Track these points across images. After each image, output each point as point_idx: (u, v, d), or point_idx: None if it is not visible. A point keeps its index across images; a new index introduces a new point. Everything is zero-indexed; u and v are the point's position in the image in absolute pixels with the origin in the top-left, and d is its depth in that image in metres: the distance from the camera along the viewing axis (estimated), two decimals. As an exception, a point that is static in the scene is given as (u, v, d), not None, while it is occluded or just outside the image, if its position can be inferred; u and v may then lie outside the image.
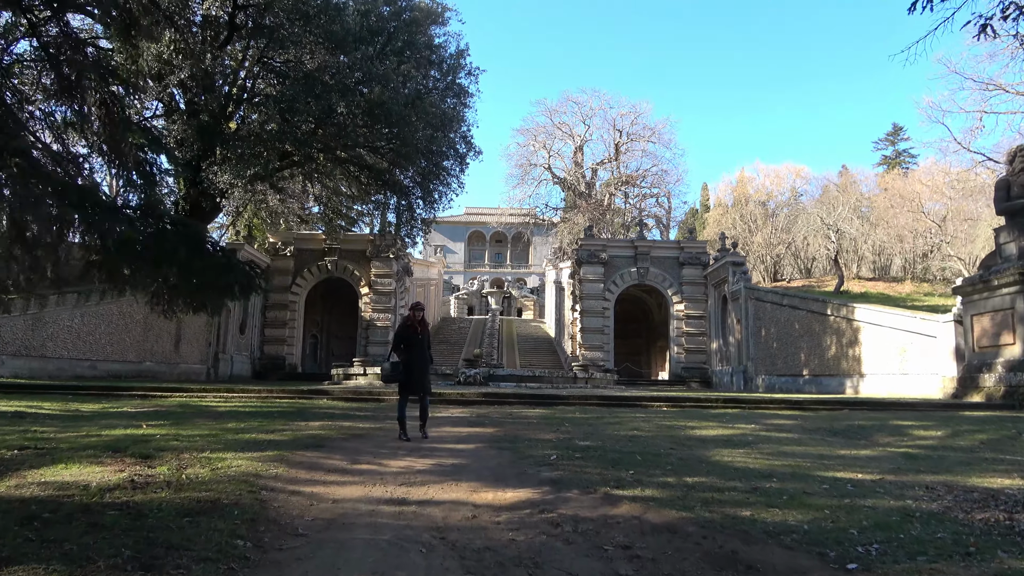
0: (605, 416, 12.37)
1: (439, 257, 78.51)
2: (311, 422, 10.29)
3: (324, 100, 24.67)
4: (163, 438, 8.36)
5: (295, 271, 39.71)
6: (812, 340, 27.63)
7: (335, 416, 11.26)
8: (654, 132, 56.78)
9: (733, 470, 7.32)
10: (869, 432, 11.19)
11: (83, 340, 23.66)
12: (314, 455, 7.44)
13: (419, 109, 26.80)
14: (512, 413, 12.71)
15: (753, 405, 14.64)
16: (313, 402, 13.99)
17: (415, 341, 9.96)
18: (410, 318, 10.15)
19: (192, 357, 31.40)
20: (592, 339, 39.44)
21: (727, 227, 48.38)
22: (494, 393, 15.32)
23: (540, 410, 13.46)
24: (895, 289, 44.53)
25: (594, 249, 40.11)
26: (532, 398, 14.91)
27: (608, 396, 15.25)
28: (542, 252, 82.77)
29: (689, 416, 12.64)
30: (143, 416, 10.87)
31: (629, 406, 14.36)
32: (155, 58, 23.60)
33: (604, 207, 55.46)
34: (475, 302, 71.89)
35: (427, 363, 10.01)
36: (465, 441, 9.03)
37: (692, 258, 40.27)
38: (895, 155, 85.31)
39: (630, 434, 9.83)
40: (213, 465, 6.59)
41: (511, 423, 10.94)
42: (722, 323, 37.68)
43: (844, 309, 25.52)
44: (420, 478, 6.53)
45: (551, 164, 59.46)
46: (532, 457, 7.73)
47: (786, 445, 9.43)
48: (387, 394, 15.10)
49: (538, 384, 21.70)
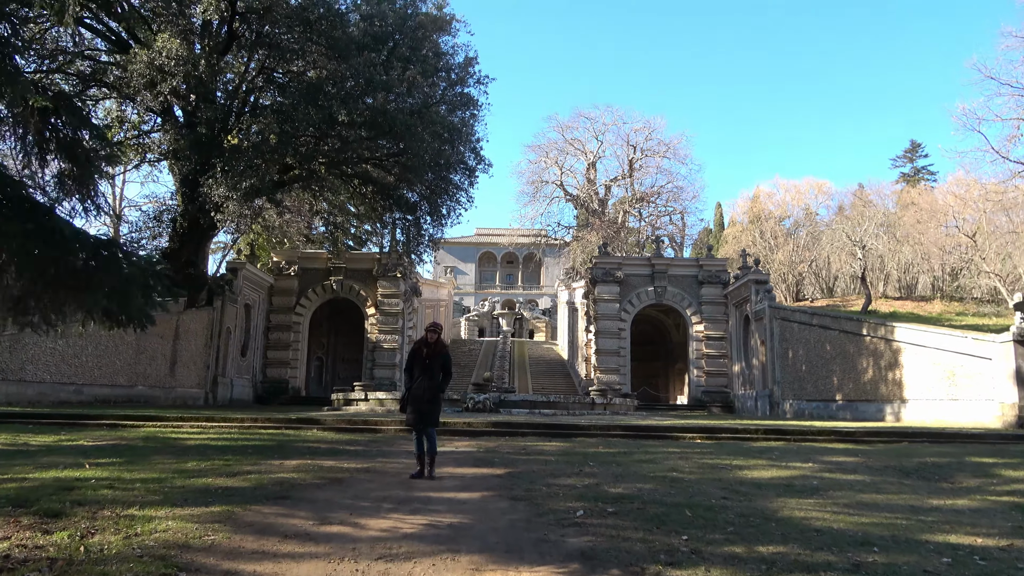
0: (633, 451, 10.68)
1: (449, 278, 77.13)
2: (287, 460, 8.67)
3: (324, 109, 23.34)
4: (97, 484, 6.77)
5: (299, 291, 38.30)
6: (846, 363, 25.78)
7: (318, 452, 9.64)
8: (669, 147, 55.36)
9: (814, 533, 5.63)
10: (947, 472, 9.45)
11: (67, 363, 22.17)
12: (272, 511, 5.81)
13: (425, 119, 25.44)
14: (526, 447, 11.04)
15: (798, 437, 12.91)
16: (300, 433, 12.37)
17: (421, 367, 8.49)
18: (420, 340, 8.67)
19: (188, 381, 29.87)
20: (607, 361, 37.67)
21: (746, 245, 46.67)
22: (505, 423, 13.66)
23: (557, 443, 11.78)
24: (924, 308, 42.60)
25: (609, 267, 38.48)
26: (548, 428, 13.23)
27: (633, 426, 13.54)
28: (554, 273, 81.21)
29: (730, 451, 10.92)
30: (95, 452, 9.30)
31: (658, 438, 12.67)
32: (146, 64, 22.42)
33: (618, 225, 53.89)
34: (486, 324, 70.29)
35: (434, 392, 8.48)
36: (469, 487, 7.37)
37: (712, 276, 38.55)
38: (913, 172, 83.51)
39: (669, 475, 8.14)
40: (133, 528, 4.98)
41: (525, 461, 9.26)
42: (744, 344, 35.85)
43: (883, 329, 23.70)
44: (405, 547, 4.89)
45: (563, 181, 58.08)
46: (553, 513, 6.07)
47: (862, 492, 7.71)
48: (385, 424, 13.48)
49: (553, 411, 20.00)
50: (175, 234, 30.17)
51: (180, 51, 22.68)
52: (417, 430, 8.28)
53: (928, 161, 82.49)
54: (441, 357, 8.62)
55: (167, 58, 22.51)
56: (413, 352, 8.62)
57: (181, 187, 28.91)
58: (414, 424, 8.33)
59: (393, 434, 13.03)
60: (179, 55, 22.69)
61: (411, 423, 8.35)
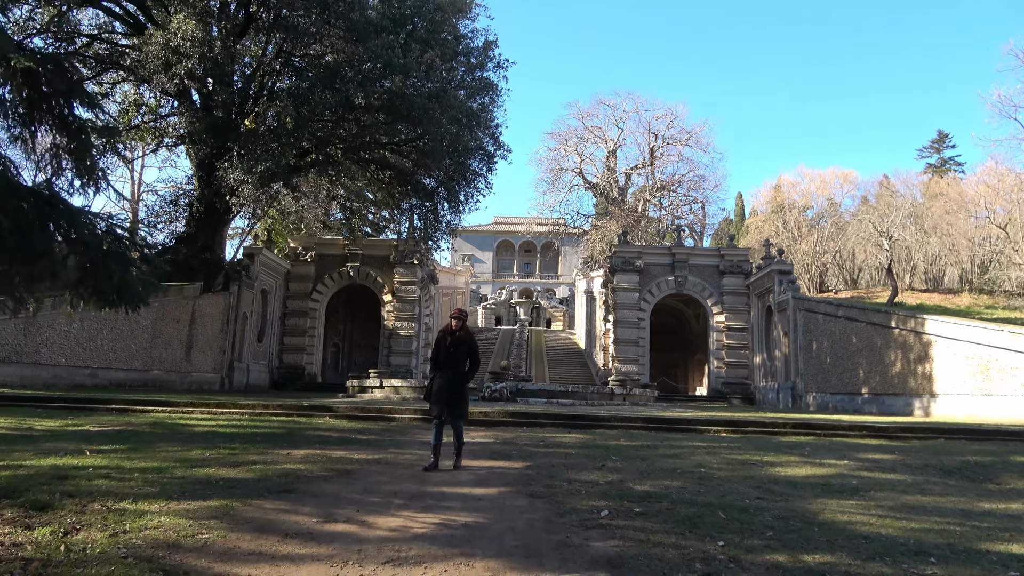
0: (657, 445, 10.20)
1: (467, 266, 76.79)
2: (296, 450, 8.30)
3: (341, 93, 22.91)
4: (93, 473, 6.43)
5: (316, 277, 38.11)
6: (873, 355, 25.07)
7: (329, 442, 9.27)
8: (691, 135, 54.38)
9: (862, 540, 5.14)
10: (992, 472, 8.89)
11: (83, 346, 22.06)
12: (274, 506, 5.42)
13: (443, 103, 24.93)
14: (544, 439, 10.60)
15: (829, 431, 12.36)
16: (311, 421, 12.02)
17: (446, 356, 8.16)
18: (444, 329, 8.29)
19: (205, 366, 29.77)
20: (626, 351, 37.14)
21: (769, 235, 45.74)
22: (523, 412, 13.22)
23: (577, 435, 11.33)
24: (952, 301, 41.59)
25: (629, 256, 37.87)
26: (566, 419, 12.79)
27: (655, 418, 13.06)
28: (572, 262, 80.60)
29: (759, 446, 10.41)
30: (99, 438, 8.99)
31: (682, 430, 12.18)
32: (162, 46, 22.11)
33: (638, 214, 53.12)
34: (503, 312, 69.92)
35: (460, 382, 8.14)
36: (485, 482, 6.95)
37: (734, 266, 37.84)
38: (940, 163, 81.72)
39: (697, 472, 7.67)
40: (122, 525, 4.61)
41: (544, 454, 8.82)
42: (766, 336, 35.16)
43: (912, 321, 22.97)
44: (416, 550, 4.47)
45: (583, 169, 57.29)
46: (575, 512, 5.63)
47: (905, 493, 7.19)
48: (399, 412, 13.11)
49: (571, 401, 19.55)
50: (191, 218, 30.00)
51: (196, 32, 22.34)
52: (440, 420, 7.93)
53: (955, 152, 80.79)
54: (467, 345, 8.20)
55: (183, 40, 22.19)
56: (438, 341, 8.25)
57: (197, 171, 28.68)
58: (439, 415, 7.95)
59: (407, 423, 12.66)
60: (195, 36, 22.36)
61: (436, 414, 8.00)
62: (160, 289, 26.27)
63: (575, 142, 56.91)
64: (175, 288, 27.20)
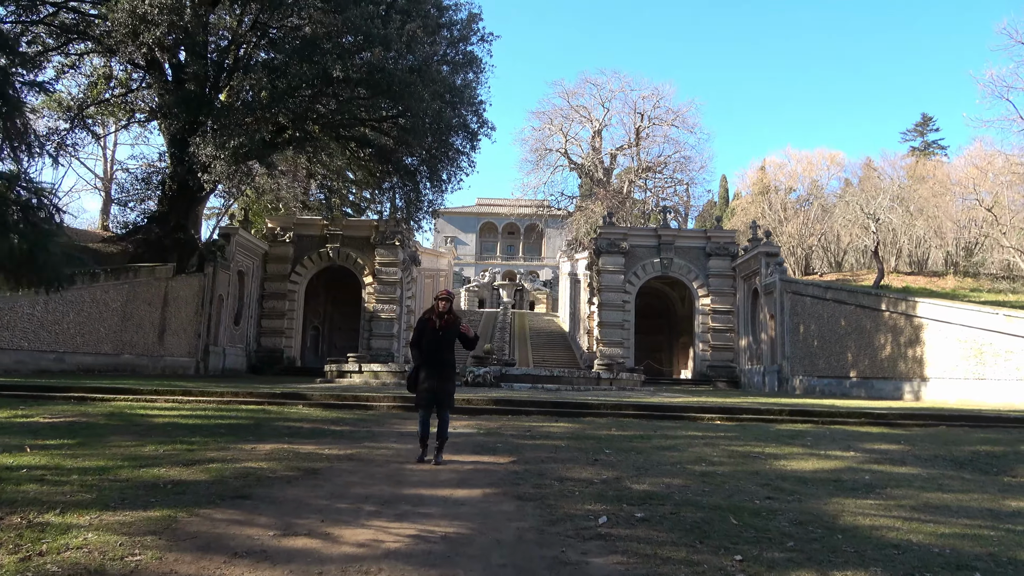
0: (651, 435, 9.62)
1: (449, 247, 75.93)
2: (261, 444, 7.58)
3: (319, 65, 21.94)
4: (27, 475, 5.70)
5: (295, 258, 37.16)
6: (861, 338, 24.72)
7: (299, 434, 8.56)
8: (678, 115, 53.65)
9: (893, 550, 4.55)
10: (1005, 463, 8.40)
11: (47, 330, 21.11)
12: (226, 516, 4.73)
13: (426, 77, 24.02)
14: (531, 429, 9.97)
15: (827, 419, 11.85)
16: (283, 410, 11.30)
17: (433, 340, 7.46)
18: (429, 310, 7.62)
19: (179, 349, 28.85)
20: (611, 334, 36.67)
21: (755, 216, 45.28)
22: (508, 400, 12.59)
23: (566, 424, 10.72)
24: (937, 284, 41.47)
25: (614, 238, 37.28)
26: (554, 407, 12.18)
27: (646, 405, 12.48)
28: (556, 244, 79.97)
29: (757, 436, 9.86)
30: (47, 431, 8.23)
31: (675, 418, 11.61)
32: (129, 13, 21.00)
33: (623, 196, 52.46)
34: (486, 295, 69.25)
35: (447, 368, 7.55)
36: (468, 481, 6.29)
37: (720, 248, 37.39)
38: (924, 146, 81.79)
39: (698, 468, 7.06)
40: (39, 544, 3.91)
41: (531, 447, 8.17)
42: (752, 319, 34.82)
43: (903, 304, 22.59)
44: (387, 571, 3.81)
45: (568, 149, 56.43)
46: (570, 519, 4.99)
47: (924, 490, 6.64)
48: (377, 400, 12.42)
49: (557, 386, 18.96)
50: (164, 197, 28.95)
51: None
52: (426, 411, 7.31)
53: (939, 135, 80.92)
54: (455, 328, 7.55)
55: (151, 6, 21.10)
56: (422, 324, 7.54)
57: (170, 147, 27.57)
58: (426, 406, 7.31)
59: (385, 411, 11.98)
60: (163, 3, 21.26)
61: (422, 404, 7.37)
62: (127, 270, 25.33)
63: (560, 121, 56.05)
64: (146, 269, 26.22)
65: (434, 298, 7.67)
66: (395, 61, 23.42)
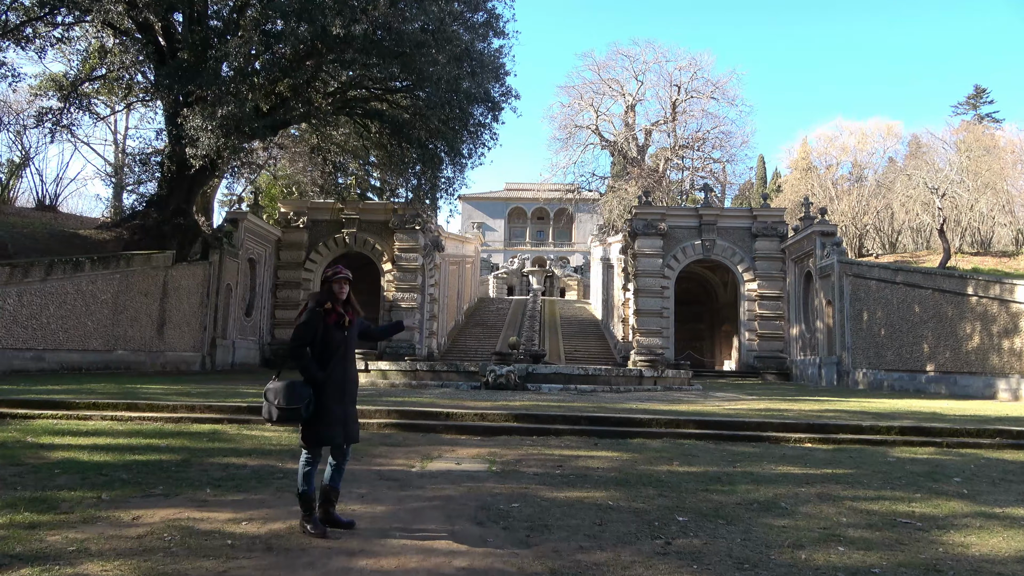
0: (732, 474, 6.86)
1: (476, 233, 73.32)
2: (153, 511, 4.90)
3: (318, 23, 19.37)
4: None
5: (309, 245, 34.93)
6: (942, 327, 21.56)
7: (231, 481, 5.95)
8: (717, 87, 50.07)
9: None
10: None
11: (22, 325, 18.96)
12: None
13: (440, 38, 21.33)
14: (563, 464, 7.27)
15: (951, 439, 8.99)
16: (240, 432, 8.73)
17: (338, 343, 4.85)
18: (321, 295, 4.90)
19: (182, 344, 26.74)
20: (649, 323, 33.80)
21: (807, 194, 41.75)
22: (533, 415, 9.90)
23: (609, 452, 8.01)
24: (1008, 264, 37.80)
25: (651, 219, 34.29)
26: (591, 423, 9.49)
27: (709, 421, 9.71)
28: (587, 228, 76.92)
29: (880, 472, 7.06)
30: None
31: (750, 439, 8.87)
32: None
33: (659, 175, 49.25)
34: (515, 281, 66.65)
35: (354, 386, 5.03)
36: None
37: (767, 228, 34.22)
38: (977, 119, 77.04)
39: (840, 562, 4.30)
40: None
41: (563, 510, 5.32)
42: (805, 305, 31.67)
43: (996, 287, 19.41)
44: None
45: (599, 126, 53.17)
46: None
47: None
48: (368, 414, 9.86)
49: (592, 387, 16.25)
50: (163, 179, 26.74)
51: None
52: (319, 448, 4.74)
53: (993, 108, 75.81)
54: (360, 322, 5.04)
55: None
56: (314, 318, 4.80)
57: (168, 125, 25.34)
58: (332, 440, 4.71)
59: (376, 431, 9.39)
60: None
61: (324, 441, 4.71)
62: (119, 258, 23.14)
63: (591, 96, 52.81)
64: (141, 257, 24.04)
65: (323, 278, 4.96)
66: (404, 18, 20.76)
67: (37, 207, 34.39)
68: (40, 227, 25.68)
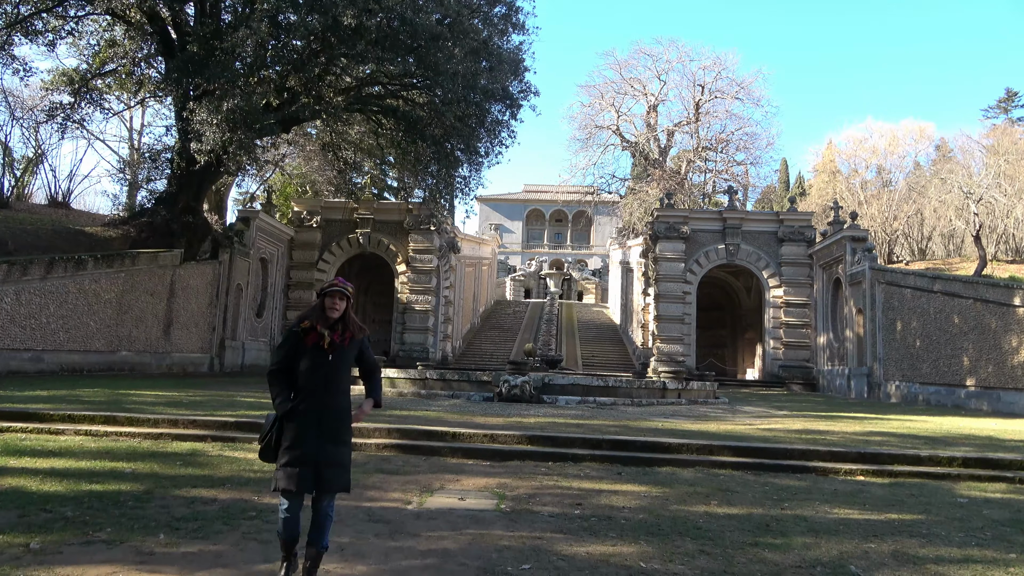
0: (782, 518, 5.88)
1: (493, 235, 72.40)
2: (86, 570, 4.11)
3: (329, 14, 18.54)
4: None
5: (322, 245, 34.23)
6: (984, 339, 20.32)
7: (194, 522, 4.99)
8: (742, 87, 48.69)
9: None
10: None
11: (19, 325, 18.30)
12: None
13: (456, 30, 20.45)
14: (582, 501, 6.31)
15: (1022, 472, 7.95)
16: (222, 453, 7.85)
17: (317, 367, 3.98)
18: (313, 314, 4.03)
19: (189, 345, 26.06)
20: (670, 329, 32.70)
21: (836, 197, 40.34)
22: (548, 436, 8.94)
23: (635, 487, 7.03)
24: (1046, 274, 36.18)
25: (674, 221, 33.20)
26: (614, 448, 8.52)
27: (746, 447, 8.67)
28: (605, 231, 75.80)
29: (954, 521, 6.03)
30: None
31: (794, 470, 7.86)
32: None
33: (680, 177, 48.03)
34: (532, 284, 65.68)
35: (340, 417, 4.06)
36: None
37: (794, 233, 33.00)
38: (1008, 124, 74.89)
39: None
40: None
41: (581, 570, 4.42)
42: (833, 313, 30.43)
43: (1047, 298, 18.17)
44: None
45: (620, 127, 52.00)
46: None
47: None
48: (367, 432, 8.94)
49: (612, 399, 15.25)
50: (173, 176, 26.06)
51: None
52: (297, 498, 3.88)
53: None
54: (358, 345, 4.14)
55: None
56: (295, 339, 4.01)
57: (178, 120, 24.68)
58: (298, 487, 3.81)
59: (373, 452, 8.46)
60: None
61: (291, 484, 3.82)
62: (123, 256, 22.47)
63: (612, 96, 51.62)
64: (147, 255, 23.37)
65: (318, 293, 4.13)
66: (419, 12, 19.88)
67: (49, 204, 33.98)
68: (47, 224, 25.11)
